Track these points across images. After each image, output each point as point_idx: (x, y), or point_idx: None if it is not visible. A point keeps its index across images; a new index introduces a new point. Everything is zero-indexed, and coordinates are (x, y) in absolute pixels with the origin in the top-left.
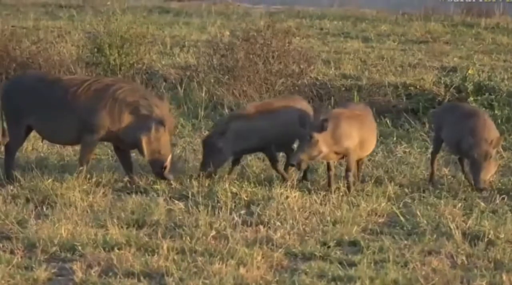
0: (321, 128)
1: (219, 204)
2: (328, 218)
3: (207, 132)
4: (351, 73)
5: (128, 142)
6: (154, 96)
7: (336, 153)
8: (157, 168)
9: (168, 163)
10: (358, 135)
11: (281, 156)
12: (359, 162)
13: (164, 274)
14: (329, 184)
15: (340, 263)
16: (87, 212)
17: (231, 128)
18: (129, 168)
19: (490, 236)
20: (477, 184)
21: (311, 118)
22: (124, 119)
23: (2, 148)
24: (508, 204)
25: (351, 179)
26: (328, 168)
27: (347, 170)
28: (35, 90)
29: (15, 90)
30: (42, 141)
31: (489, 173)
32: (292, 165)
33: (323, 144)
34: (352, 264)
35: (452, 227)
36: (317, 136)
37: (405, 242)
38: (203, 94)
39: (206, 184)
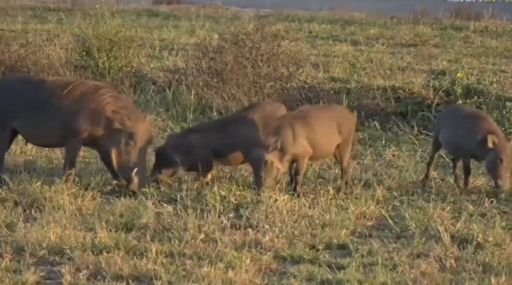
0: (273, 148)
1: (207, 207)
2: (317, 221)
3: None
4: (340, 76)
5: (103, 151)
6: (134, 109)
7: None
8: (125, 180)
9: (133, 176)
10: (304, 138)
11: None
12: (343, 165)
13: (152, 277)
14: (294, 189)
15: (329, 266)
16: (75, 215)
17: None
18: (116, 172)
19: (479, 239)
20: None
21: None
22: (101, 127)
23: None
24: (497, 207)
25: (299, 181)
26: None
27: (295, 173)
28: (18, 92)
29: None
30: (26, 144)
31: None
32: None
33: (277, 162)
34: (341, 267)
35: (440, 230)
36: (270, 157)
37: (394, 245)
38: (192, 97)
39: (195, 188)
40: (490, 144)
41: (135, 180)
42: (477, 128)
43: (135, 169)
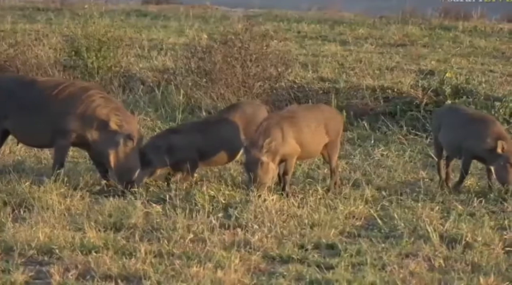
0: (268, 150)
1: (196, 207)
2: (306, 221)
3: None
4: (328, 76)
5: (97, 153)
6: (125, 110)
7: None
8: (122, 182)
9: (135, 178)
10: (292, 137)
11: None
12: (332, 165)
13: (141, 277)
14: (283, 188)
15: (318, 266)
16: (64, 215)
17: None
18: (105, 171)
19: (467, 239)
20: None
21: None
22: (94, 129)
23: None
24: (486, 207)
25: (288, 180)
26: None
27: (284, 173)
28: (9, 92)
29: None
30: (17, 144)
31: None
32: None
33: (271, 163)
34: (329, 267)
35: (429, 230)
36: (265, 158)
37: (383, 245)
38: (181, 97)
39: (184, 187)
40: (499, 150)
41: (138, 183)
42: (487, 132)
43: (137, 171)
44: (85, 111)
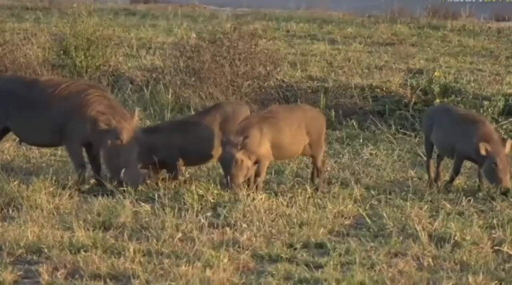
0: (242, 147)
1: (185, 206)
2: (295, 220)
3: None
4: (317, 75)
5: (93, 149)
6: (121, 109)
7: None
8: (116, 179)
9: (121, 176)
10: (270, 140)
11: None
12: (318, 165)
13: (130, 276)
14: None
15: (307, 265)
16: (53, 214)
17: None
18: (98, 169)
19: (456, 238)
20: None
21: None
22: (90, 127)
23: None
24: (474, 206)
25: (259, 183)
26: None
27: (256, 175)
28: (11, 92)
29: None
30: (20, 143)
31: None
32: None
33: (247, 160)
34: (318, 266)
35: (418, 229)
36: (240, 156)
37: (372, 244)
38: (170, 96)
39: (173, 186)
40: (482, 152)
41: (126, 180)
42: (476, 134)
43: (123, 170)
44: (85, 110)
